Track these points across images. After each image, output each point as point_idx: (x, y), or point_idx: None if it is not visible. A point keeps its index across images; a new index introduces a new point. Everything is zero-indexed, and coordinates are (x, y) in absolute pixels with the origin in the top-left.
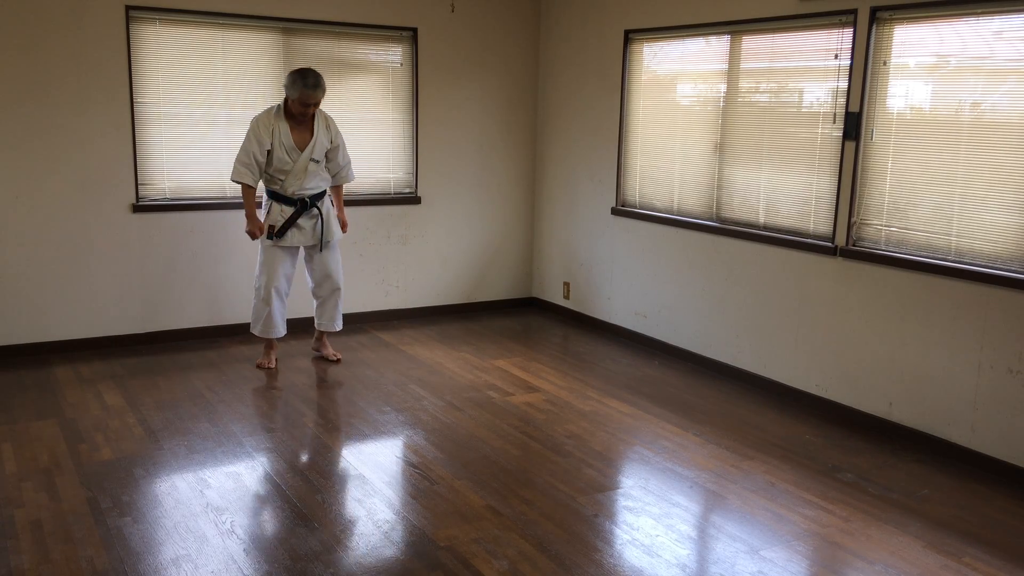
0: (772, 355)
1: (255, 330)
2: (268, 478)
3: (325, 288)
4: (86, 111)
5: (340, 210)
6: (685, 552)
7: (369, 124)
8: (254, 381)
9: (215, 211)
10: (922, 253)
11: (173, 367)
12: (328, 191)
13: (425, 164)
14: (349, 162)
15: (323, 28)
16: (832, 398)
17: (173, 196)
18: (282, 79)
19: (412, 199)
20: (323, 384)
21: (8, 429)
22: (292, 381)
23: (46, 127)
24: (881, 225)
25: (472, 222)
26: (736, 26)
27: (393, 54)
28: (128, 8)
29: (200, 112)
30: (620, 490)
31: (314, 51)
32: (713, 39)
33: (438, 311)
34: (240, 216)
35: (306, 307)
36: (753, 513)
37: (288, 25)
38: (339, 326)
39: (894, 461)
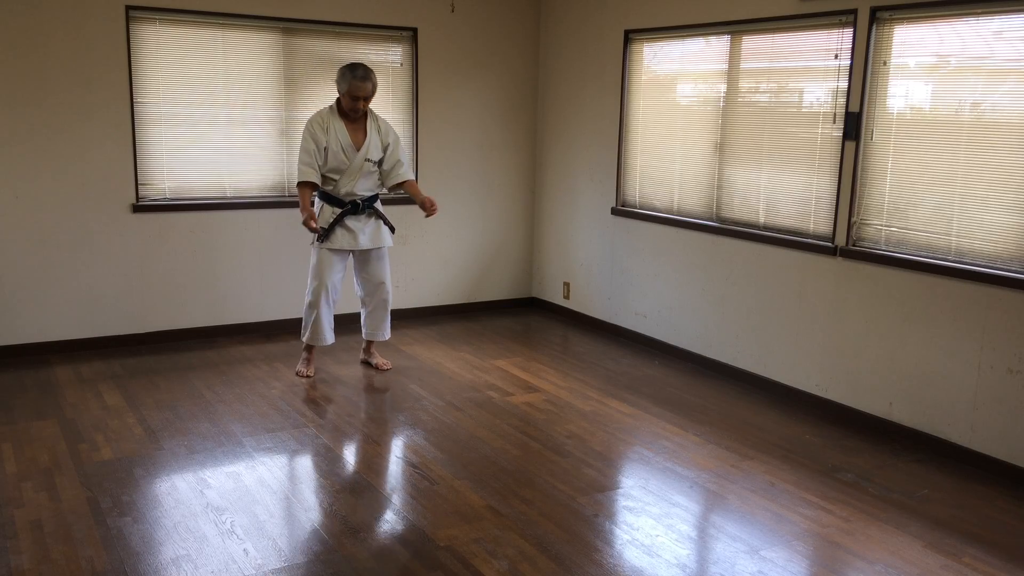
0: (772, 355)
1: (303, 337)
2: (268, 478)
3: (376, 297)
4: (86, 111)
5: (422, 195)
6: (685, 552)
7: None
8: (254, 381)
9: (215, 211)
10: (922, 253)
11: (173, 367)
12: (380, 195)
13: (425, 164)
14: (401, 161)
15: (323, 28)
16: (832, 398)
17: (173, 196)
18: (282, 79)
19: (412, 199)
20: (323, 384)
21: (8, 429)
22: (292, 381)
23: (46, 127)
24: (881, 225)
25: (472, 222)
26: (736, 26)
27: (393, 54)
28: (128, 8)
29: (200, 112)
30: (620, 490)
31: (314, 51)
32: (713, 39)
33: (438, 311)
34: (241, 217)
35: (295, 309)
36: (753, 513)
37: (288, 25)
38: (387, 335)
39: (894, 461)
